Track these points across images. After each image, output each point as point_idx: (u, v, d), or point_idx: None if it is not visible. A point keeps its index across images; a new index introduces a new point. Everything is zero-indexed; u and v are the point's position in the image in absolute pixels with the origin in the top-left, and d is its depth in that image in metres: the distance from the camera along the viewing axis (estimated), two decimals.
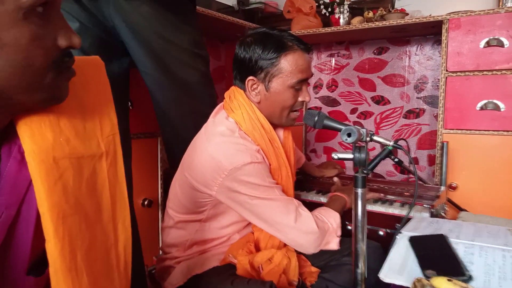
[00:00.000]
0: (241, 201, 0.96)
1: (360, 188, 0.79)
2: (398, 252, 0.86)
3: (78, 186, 0.54)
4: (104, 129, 0.60)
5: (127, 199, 0.62)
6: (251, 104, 1.04)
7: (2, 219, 0.51)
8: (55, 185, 0.50)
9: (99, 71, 0.63)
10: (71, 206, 0.52)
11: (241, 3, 2.52)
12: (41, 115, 0.52)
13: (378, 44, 2.00)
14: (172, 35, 1.10)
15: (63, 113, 0.55)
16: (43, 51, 0.48)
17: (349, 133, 0.75)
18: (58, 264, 0.50)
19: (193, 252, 1.07)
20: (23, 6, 0.44)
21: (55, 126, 0.53)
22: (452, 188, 1.51)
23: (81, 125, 0.57)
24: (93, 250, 0.55)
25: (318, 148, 2.25)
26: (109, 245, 0.59)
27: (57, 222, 0.50)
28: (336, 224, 1.05)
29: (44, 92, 0.50)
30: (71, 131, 0.55)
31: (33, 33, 0.46)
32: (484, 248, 0.84)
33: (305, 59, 1.04)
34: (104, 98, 0.62)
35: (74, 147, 0.54)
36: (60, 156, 0.52)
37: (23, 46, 0.45)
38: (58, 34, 0.50)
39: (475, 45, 1.46)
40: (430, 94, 1.88)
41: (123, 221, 0.61)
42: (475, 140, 1.47)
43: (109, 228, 0.59)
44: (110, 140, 0.60)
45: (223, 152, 0.95)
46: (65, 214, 0.51)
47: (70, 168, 0.53)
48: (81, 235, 0.53)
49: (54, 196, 0.50)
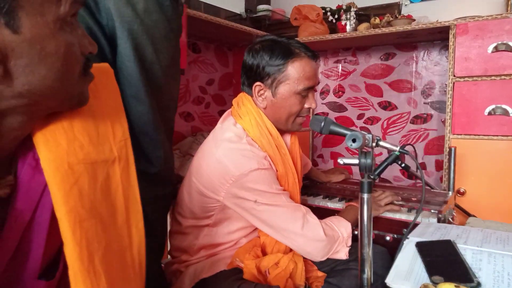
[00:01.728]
0: (248, 207, 0.97)
1: (366, 194, 0.79)
2: (405, 258, 0.85)
3: (93, 190, 0.55)
4: (116, 134, 0.61)
5: (140, 202, 0.63)
6: (259, 110, 1.06)
7: (17, 224, 0.52)
8: (71, 190, 0.52)
9: (108, 78, 0.64)
10: (87, 210, 0.53)
11: (249, 11, 2.55)
12: (55, 122, 0.54)
13: (385, 50, 2.01)
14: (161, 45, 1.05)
15: (76, 119, 0.56)
16: (76, 58, 0.50)
17: (354, 138, 0.75)
18: (76, 267, 0.51)
19: (200, 256, 1.08)
20: (61, 17, 0.47)
21: (69, 133, 0.54)
22: (460, 193, 1.49)
23: (94, 131, 0.58)
24: (109, 252, 0.56)
25: (325, 154, 2.25)
26: (124, 247, 0.60)
27: (74, 226, 0.51)
28: (346, 234, 1.04)
29: (76, 97, 0.53)
30: (84, 137, 0.56)
31: (68, 42, 0.48)
32: (492, 255, 0.83)
33: (312, 66, 1.05)
34: (115, 104, 0.63)
35: (88, 153, 0.55)
36: (74, 162, 0.53)
37: (62, 55, 0.48)
38: (82, 41, 0.52)
39: (483, 50, 1.45)
40: (438, 99, 1.88)
41: (136, 224, 0.62)
42: (483, 145, 1.46)
43: (123, 231, 0.60)
44: (122, 145, 0.61)
45: (230, 158, 0.96)
46: (81, 218, 0.52)
47: (85, 173, 0.54)
48: (97, 238, 0.54)
49: (71, 201, 0.51)
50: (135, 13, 0.97)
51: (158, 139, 1.06)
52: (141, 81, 1.00)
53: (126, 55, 0.99)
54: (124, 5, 0.96)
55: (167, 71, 1.07)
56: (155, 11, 1.00)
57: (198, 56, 1.93)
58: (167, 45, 1.05)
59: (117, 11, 0.96)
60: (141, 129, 1.03)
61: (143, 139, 1.04)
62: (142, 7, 0.98)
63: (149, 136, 1.04)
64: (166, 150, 1.10)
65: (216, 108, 2.05)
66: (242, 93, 1.11)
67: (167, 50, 1.05)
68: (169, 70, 1.08)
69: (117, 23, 0.97)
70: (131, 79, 1.00)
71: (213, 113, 2.03)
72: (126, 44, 0.98)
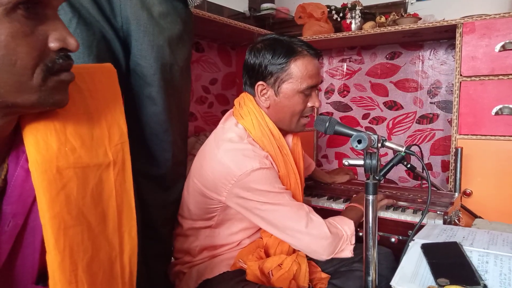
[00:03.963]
0: (251, 207, 0.97)
1: (371, 195, 0.78)
2: (410, 260, 0.84)
3: (82, 196, 0.53)
4: (113, 137, 0.59)
5: (135, 209, 0.61)
6: (261, 110, 1.05)
7: (10, 228, 0.51)
8: (58, 196, 0.50)
9: (110, 78, 0.63)
10: (73, 217, 0.52)
11: (253, 10, 2.54)
12: (48, 123, 0.52)
13: (390, 49, 1.99)
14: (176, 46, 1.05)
15: (70, 121, 0.54)
16: (28, 49, 0.46)
17: (360, 140, 0.75)
18: (57, 277, 0.49)
19: (203, 257, 1.07)
20: (3, 3, 0.43)
21: (61, 135, 0.53)
22: (466, 194, 1.48)
23: (88, 134, 0.56)
24: (95, 261, 0.55)
25: (329, 154, 2.24)
26: (114, 255, 0.58)
27: (58, 233, 0.50)
28: (350, 232, 1.04)
29: (34, 93, 0.49)
30: (77, 140, 0.54)
31: (15, 31, 0.45)
32: (499, 257, 0.82)
33: (314, 65, 1.04)
34: (114, 106, 0.61)
35: (79, 156, 0.54)
36: (64, 166, 0.51)
37: (2, 43, 0.44)
38: (50, 35, 0.49)
39: (490, 49, 1.43)
40: (444, 99, 1.86)
41: (129, 231, 0.60)
42: (490, 145, 1.44)
43: (114, 239, 0.58)
44: (119, 149, 0.59)
45: (232, 158, 0.95)
46: (66, 225, 0.50)
47: (75, 178, 0.52)
48: (83, 246, 0.53)
49: (56, 207, 0.50)
50: (151, 16, 0.98)
51: (168, 140, 1.06)
52: (156, 81, 1.01)
53: (142, 55, 0.99)
54: (140, 8, 0.97)
55: (184, 73, 1.08)
56: (170, 13, 1.01)
57: (201, 55, 1.92)
58: (182, 46, 1.06)
59: (133, 14, 0.97)
60: (152, 130, 1.04)
61: (152, 140, 1.05)
62: (157, 10, 0.99)
63: (159, 137, 1.05)
64: (176, 154, 1.10)
65: (219, 107, 2.05)
66: (244, 93, 1.10)
67: (183, 51, 1.06)
68: (185, 71, 1.09)
69: (133, 26, 0.97)
70: (146, 79, 1.00)
71: (216, 113, 2.02)
72: (143, 45, 0.99)
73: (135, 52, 0.99)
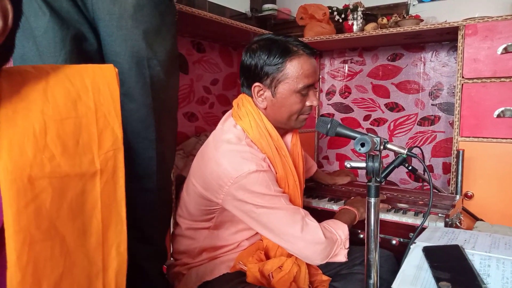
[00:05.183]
0: (247, 210, 0.96)
1: (373, 198, 0.78)
2: (411, 263, 0.84)
3: (57, 208, 0.49)
4: (103, 143, 0.54)
5: (125, 222, 0.56)
6: (259, 111, 1.04)
7: None
8: (26, 208, 0.46)
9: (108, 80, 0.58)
10: (42, 231, 0.47)
11: (254, 10, 2.54)
12: (27, 126, 0.48)
13: (392, 51, 1.99)
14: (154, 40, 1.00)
15: (53, 126, 0.50)
16: None
17: (363, 143, 0.74)
18: None
19: (202, 259, 1.07)
20: None
21: (39, 141, 0.48)
22: (468, 197, 1.47)
23: (73, 140, 0.52)
24: (67, 278, 0.50)
25: (330, 155, 2.23)
26: (95, 272, 0.53)
27: (22, 249, 0.45)
28: (344, 236, 1.03)
29: None
30: (58, 147, 0.50)
31: None
32: (501, 260, 0.82)
33: (310, 64, 1.03)
34: (108, 109, 0.56)
35: (58, 165, 0.49)
36: (38, 176, 0.47)
37: None
38: None
39: (492, 51, 1.43)
40: (446, 101, 1.85)
41: (117, 246, 0.55)
42: (492, 148, 1.44)
43: (96, 254, 0.53)
44: (110, 156, 0.55)
45: (229, 160, 0.95)
46: (33, 240, 0.46)
47: (49, 188, 0.48)
48: (51, 262, 0.48)
49: (23, 220, 0.45)
50: (123, 9, 0.94)
51: (151, 138, 1.02)
52: (132, 76, 0.97)
53: (116, 51, 0.95)
54: (111, 2, 0.93)
55: (166, 67, 1.03)
56: (145, 5, 0.97)
57: (202, 56, 1.92)
58: (161, 40, 1.01)
59: (105, 9, 0.93)
60: (133, 128, 1.00)
61: (134, 138, 1.01)
62: (131, 2, 0.94)
63: (141, 135, 1.01)
64: (162, 151, 1.06)
65: (220, 108, 2.04)
66: (242, 94, 1.09)
67: (163, 45, 1.02)
68: (168, 65, 1.04)
69: (105, 22, 0.94)
70: (122, 76, 0.95)
71: (217, 113, 2.02)
72: (116, 41, 0.95)
73: (109, 49, 0.96)
